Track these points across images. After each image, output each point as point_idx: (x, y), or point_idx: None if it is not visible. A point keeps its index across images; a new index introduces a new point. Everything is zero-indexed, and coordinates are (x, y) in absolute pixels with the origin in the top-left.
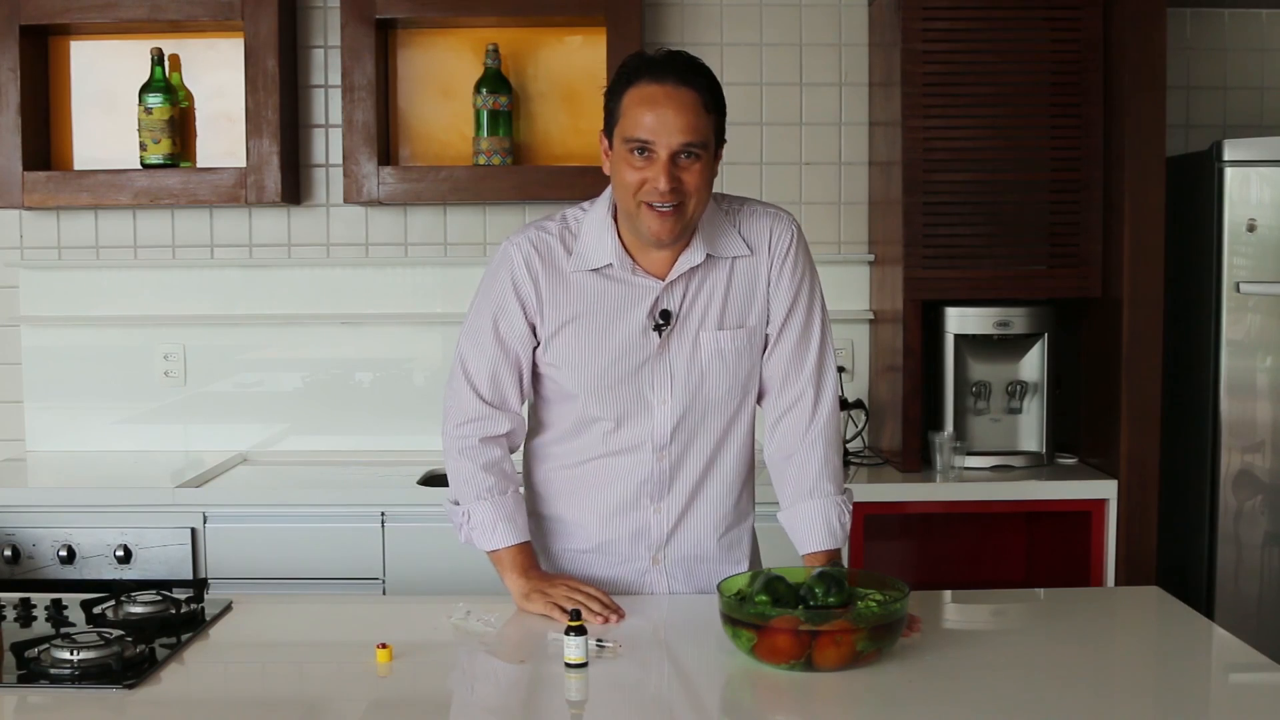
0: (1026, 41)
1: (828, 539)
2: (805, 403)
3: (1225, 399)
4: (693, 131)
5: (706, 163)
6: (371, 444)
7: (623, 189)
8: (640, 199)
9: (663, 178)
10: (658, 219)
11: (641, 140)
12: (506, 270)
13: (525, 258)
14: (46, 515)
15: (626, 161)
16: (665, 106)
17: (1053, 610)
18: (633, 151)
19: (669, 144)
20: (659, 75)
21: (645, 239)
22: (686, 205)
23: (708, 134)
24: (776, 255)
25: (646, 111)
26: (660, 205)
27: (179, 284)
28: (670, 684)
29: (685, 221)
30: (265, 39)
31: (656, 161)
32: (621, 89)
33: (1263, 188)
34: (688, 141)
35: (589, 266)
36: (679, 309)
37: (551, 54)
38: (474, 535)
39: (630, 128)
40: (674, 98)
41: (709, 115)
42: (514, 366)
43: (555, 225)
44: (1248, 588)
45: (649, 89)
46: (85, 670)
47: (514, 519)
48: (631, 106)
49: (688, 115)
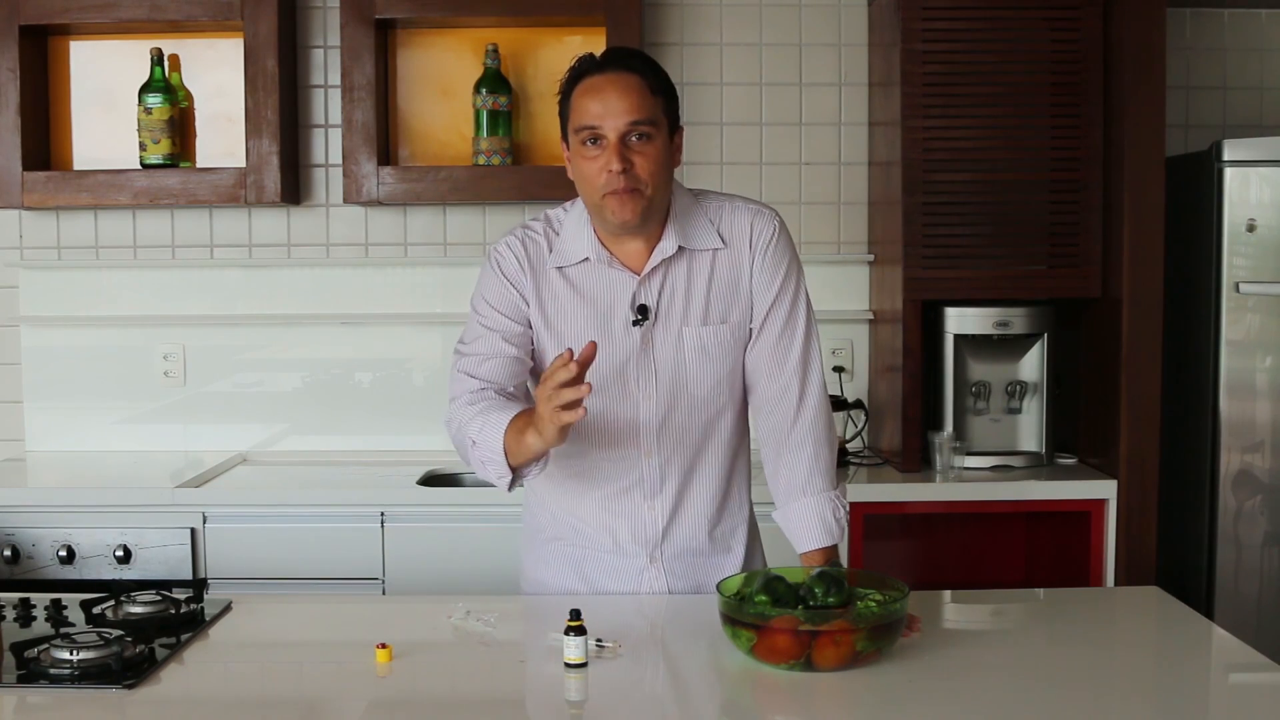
0: (1026, 41)
1: (823, 536)
2: (790, 396)
3: (1225, 399)
4: (637, 110)
5: (660, 145)
6: (371, 444)
7: (584, 184)
8: (601, 191)
9: (614, 158)
10: (617, 202)
11: (590, 126)
12: (496, 268)
13: (515, 255)
14: (46, 515)
15: (581, 155)
16: (608, 91)
17: (1052, 610)
18: (585, 142)
19: (616, 126)
20: (600, 66)
21: (612, 227)
22: (645, 190)
23: (654, 113)
24: (758, 249)
25: (592, 99)
26: (619, 191)
27: (179, 284)
28: (670, 684)
29: (647, 203)
30: (265, 39)
31: (607, 147)
32: (569, 89)
33: (1262, 188)
34: (633, 120)
35: (568, 262)
36: (657, 303)
37: (551, 54)
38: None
39: (579, 117)
40: (615, 82)
41: (654, 97)
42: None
43: (539, 225)
44: (1247, 588)
45: (592, 79)
46: (85, 670)
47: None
48: (578, 99)
49: (631, 96)
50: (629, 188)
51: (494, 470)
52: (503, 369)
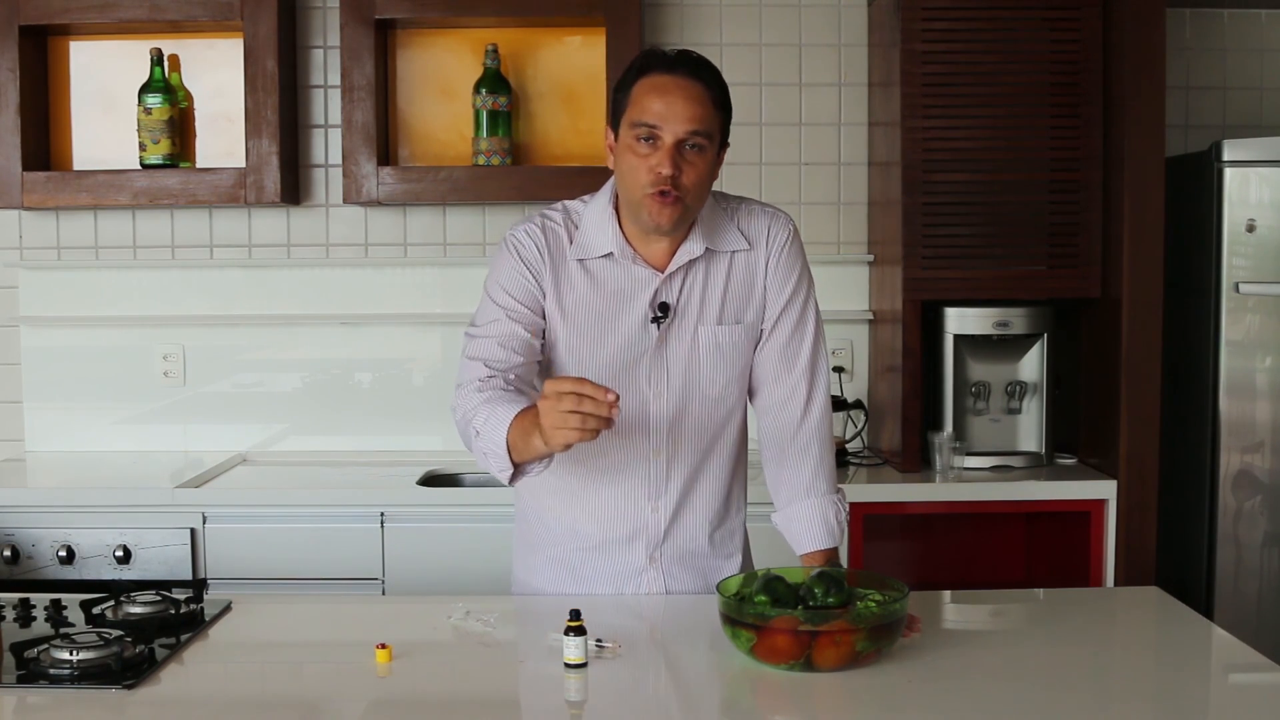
0: (1026, 41)
1: (825, 538)
2: (798, 399)
3: (1225, 399)
4: (699, 121)
5: (710, 158)
6: (371, 444)
7: (628, 179)
8: (644, 189)
9: (666, 162)
10: (658, 205)
11: (649, 125)
12: (513, 251)
13: (535, 242)
14: (46, 515)
15: (632, 149)
16: (674, 94)
17: (1052, 610)
18: (639, 139)
19: (675, 131)
20: (671, 67)
21: (646, 227)
22: (686, 198)
23: (713, 127)
24: (774, 251)
25: (656, 98)
26: (663, 194)
27: (178, 284)
28: (669, 684)
29: (685, 212)
30: (265, 39)
31: (661, 148)
32: (632, 79)
33: (1262, 188)
34: (694, 130)
35: (590, 254)
36: (677, 302)
37: (551, 54)
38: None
39: (638, 113)
40: (684, 87)
41: (716, 112)
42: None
43: (559, 214)
44: (1247, 588)
45: (660, 78)
46: (85, 670)
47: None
48: (641, 94)
49: (696, 105)
50: (672, 195)
51: (495, 464)
52: (513, 355)
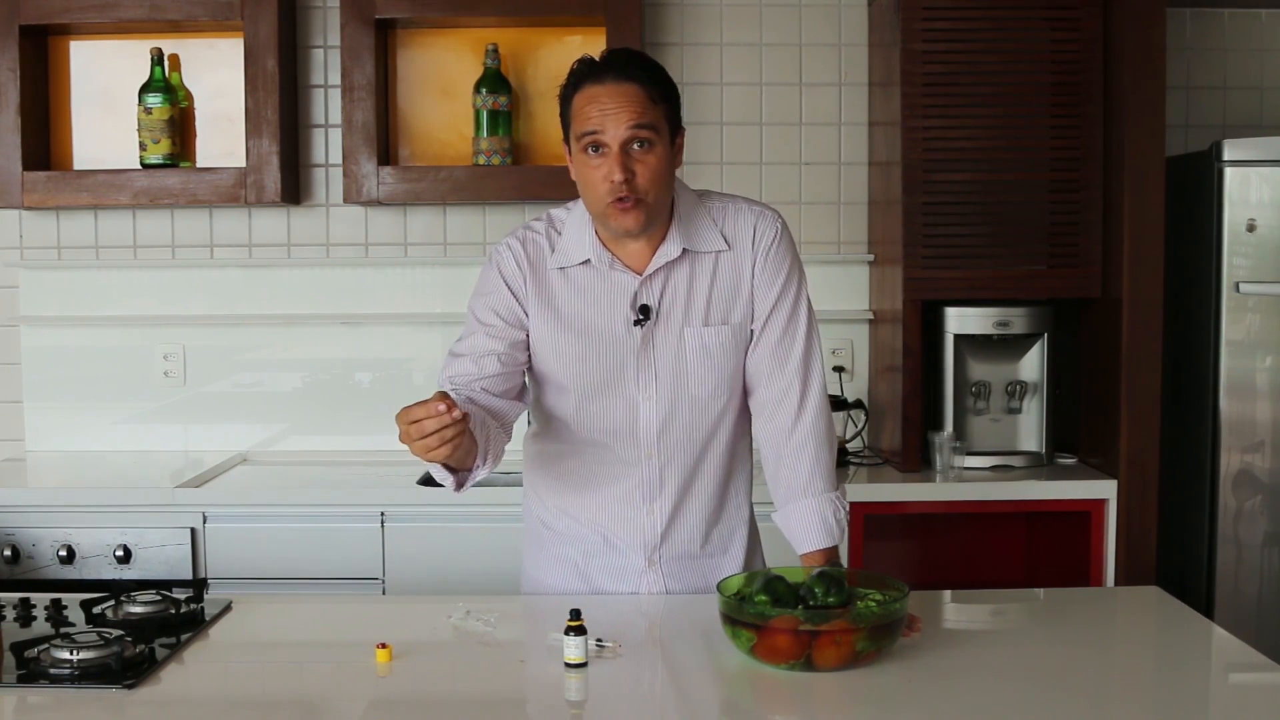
0: (1026, 41)
1: (824, 537)
2: (792, 397)
3: (1225, 399)
4: (637, 117)
5: (661, 151)
6: (371, 444)
7: (587, 191)
8: (605, 200)
9: (616, 169)
10: (619, 213)
11: (591, 133)
12: (495, 268)
13: (515, 256)
14: (46, 515)
15: (584, 162)
16: (606, 101)
17: (1052, 610)
18: (586, 150)
19: (617, 135)
20: (599, 76)
21: (616, 234)
22: (645, 198)
23: (655, 119)
24: (760, 250)
25: (592, 108)
26: (622, 200)
27: (179, 284)
28: (669, 684)
29: (649, 212)
30: (265, 39)
31: (609, 155)
32: (570, 95)
33: (1262, 188)
34: (634, 128)
35: (569, 263)
36: (658, 304)
37: (551, 54)
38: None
39: (580, 124)
40: (616, 92)
41: (655, 104)
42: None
43: (541, 225)
44: (1247, 588)
45: (591, 89)
46: (85, 670)
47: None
48: (580, 107)
49: (631, 104)
50: (631, 199)
51: (436, 473)
52: (484, 368)
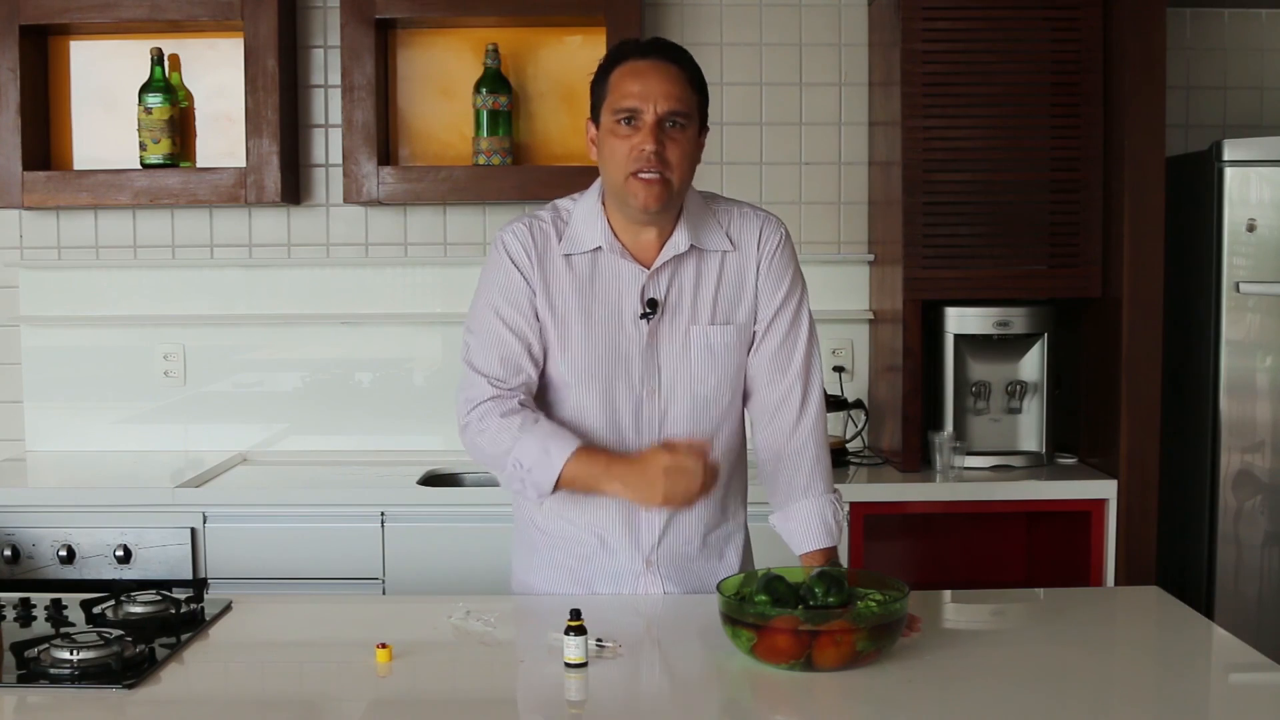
0: (1026, 41)
1: (824, 537)
2: (793, 400)
3: (1225, 399)
4: (678, 100)
5: (691, 137)
6: (371, 444)
7: (611, 163)
8: (628, 170)
9: (649, 139)
10: (644, 187)
11: (629, 108)
12: (504, 254)
13: (521, 242)
14: (46, 515)
15: (614, 133)
16: (651, 76)
17: (1052, 610)
18: (619, 122)
19: (655, 109)
20: (645, 52)
21: (633, 211)
22: (671, 177)
23: (691, 107)
24: (765, 254)
25: (634, 81)
26: (647, 173)
27: (179, 284)
28: (669, 684)
29: (671, 192)
30: (265, 39)
31: (643, 127)
32: (609, 68)
33: (1262, 188)
34: (673, 108)
35: (579, 249)
36: (665, 298)
37: (551, 54)
38: (537, 477)
39: (618, 99)
40: (659, 69)
41: (693, 92)
42: (523, 342)
43: (547, 214)
44: (1247, 588)
45: (636, 64)
46: (85, 670)
47: (558, 433)
48: (619, 81)
49: (673, 85)
50: (657, 173)
51: (534, 493)
52: (516, 373)
